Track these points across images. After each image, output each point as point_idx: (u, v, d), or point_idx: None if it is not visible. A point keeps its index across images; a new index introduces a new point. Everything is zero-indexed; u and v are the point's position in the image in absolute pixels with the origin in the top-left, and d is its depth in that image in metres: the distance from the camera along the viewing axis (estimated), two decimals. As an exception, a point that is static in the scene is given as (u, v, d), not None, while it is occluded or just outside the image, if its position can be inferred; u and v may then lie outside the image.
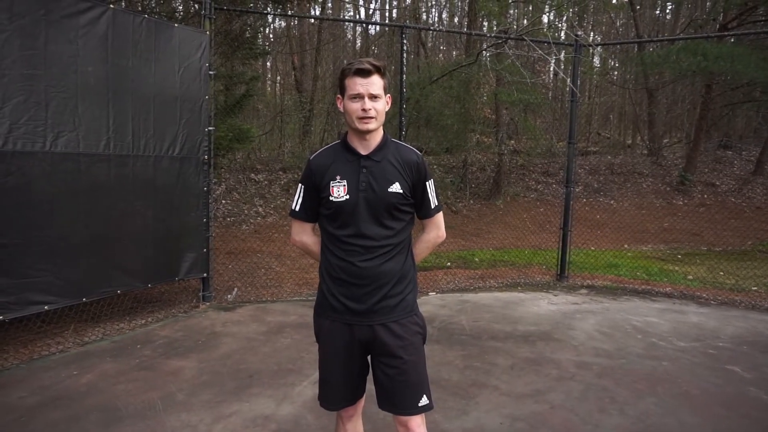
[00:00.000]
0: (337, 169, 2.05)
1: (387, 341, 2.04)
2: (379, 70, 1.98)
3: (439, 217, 2.22)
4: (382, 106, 2.01)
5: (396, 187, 2.02)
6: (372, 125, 1.99)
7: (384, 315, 2.04)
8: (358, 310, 2.04)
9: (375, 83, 1.97)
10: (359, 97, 1.97)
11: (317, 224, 2.21)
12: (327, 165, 2.07)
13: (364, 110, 1.96)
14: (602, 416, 3.27)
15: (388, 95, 2.06)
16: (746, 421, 3.23)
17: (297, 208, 2.18)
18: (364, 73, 1.96)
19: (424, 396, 2.08)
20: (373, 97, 1.97)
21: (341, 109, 2.05)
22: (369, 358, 2.14)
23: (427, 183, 2.12)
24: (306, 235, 2.25)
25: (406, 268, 2.10)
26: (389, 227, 2.04)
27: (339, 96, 2.06)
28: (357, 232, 2.02)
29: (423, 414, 2.09)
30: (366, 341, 2.06)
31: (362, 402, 2.26)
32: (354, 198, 2.01)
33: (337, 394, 2.17)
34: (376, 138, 2.07)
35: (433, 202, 2.17)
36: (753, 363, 4.14)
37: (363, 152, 2.05)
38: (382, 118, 2.03)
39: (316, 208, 2.14)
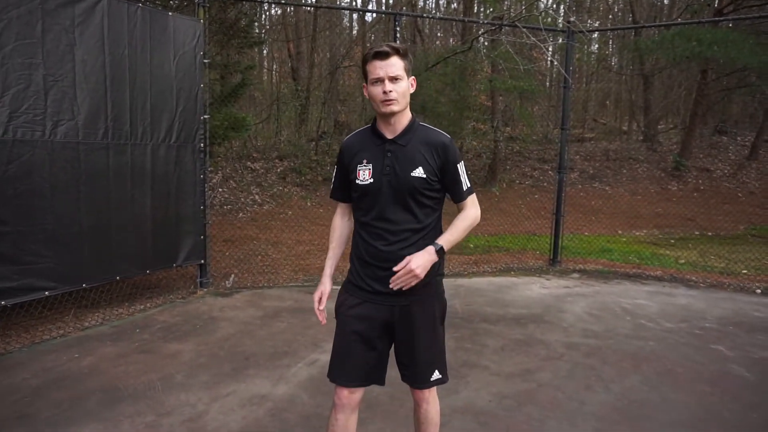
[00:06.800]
0: (364, 153, 2.08)
1: (406, 322, 2.10)
2: (398, 52, 1.98)
3: (473, 199, 2.17)
4: (405, 87, 2.00)
5: (419, 172, 2.01)
6: (395, 107, 1.99)
7: (406, 296, 2.06)
8: (382, 291, 2.07)
9: (394, 65, 1.96)
10: (380, 80, 1.97)
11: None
12: (356, 148, 2.11)
13: (384, 93, 1.96)
14: (588, 393, 3.38)
15: (413, 77, 2.06)
16: (727, 397, 3.34)
17: (332, 188, 2.27)
18: (383, 56, 1.96)
19: (437, 371, 2.17)
20: (394, 79, 1.96)
21: (367, 96, 2.06)
22: (390, 342, 2.18)
23: (457, 165, 2.10)
24: (337, 216, 2.30)
25: None
26: (413, 212, 2.04)
27: (364, 84, 2.06)
28: (380, 216, 2.04)
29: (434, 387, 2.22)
30: (388, 322, 2.10)
31: (360, 395, 2.19)
32: (378, 182, 2.03)
33: (348, 370, 2.13)
34: (402, 121, 2.06)
35: (465, 184, 2.13)
36: (737, 342, 4.26)
37: (389, 136, 2.06)
38: (405, 101, 2.02)
39: (347, 190, 2.17)
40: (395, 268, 1.98)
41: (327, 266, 2.27)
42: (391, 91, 1.96)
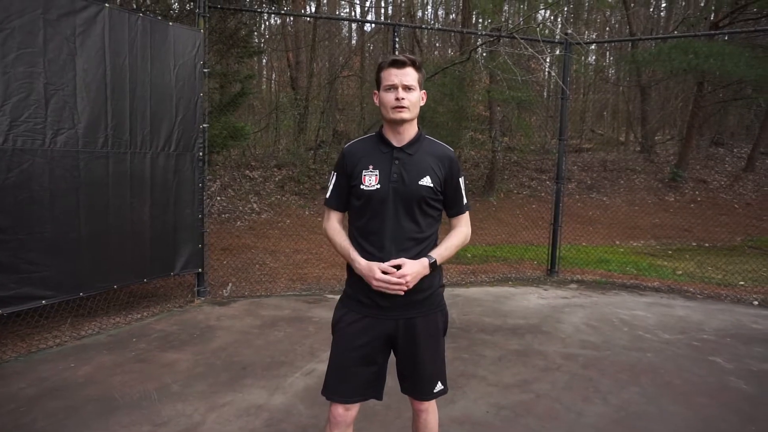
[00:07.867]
0: (369, 159, 2.07)
1: (410, 336, 2.08)
2: (414, 64, 2.02)
3: (468, 217, 2.22)
4: (416, 98, 2.04)
5: (426, 181, 2.04)
6: (405, 114, 2.01)
7: (410, 310, 2.07)
8: (385, 306, 2.05)
9: (409, 74, 2.01)
10: (393, 87, 2.00)
11: (347, 218, 2.20)
12: (360, 154, 2.09)
13: (397, 99, 1.99)
14: (586, 405, 3.37)
15: (424, 91, 2.09)
16: (725, 409, 3.34)
17: (328, 196, 2.18)
18: (399, 64, 2.01)
19: (439, 383, 2.18)
20: (407, 88, 2.00)
21: (377, 103, 2.08)
22: (392, 352, 2.16)
23: (459, 180, 2.14)
24: (332, 221, 2.19)
25: None
26: (417, 222, 2.04)
27: (375, 91, 2.09)
28: (385, 224, 2.02)
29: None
30: (390, 335, 2.08)
31: (355, 411, 2.15)
32: (385, 188, 2.02)
33: (345, 387, 2.09)
34: (410, 132, 2.08)
35: (464, 199, 2.18)
36: (735, 354, 4.26)
37: (397, 144, 2.07)
38: (416, 111, 2.05)
39: (347, 197, 2.14)
40: (381, 267, 1.97)
41: (351, 250, 2.07)
42: (403, 99, 1.99)
